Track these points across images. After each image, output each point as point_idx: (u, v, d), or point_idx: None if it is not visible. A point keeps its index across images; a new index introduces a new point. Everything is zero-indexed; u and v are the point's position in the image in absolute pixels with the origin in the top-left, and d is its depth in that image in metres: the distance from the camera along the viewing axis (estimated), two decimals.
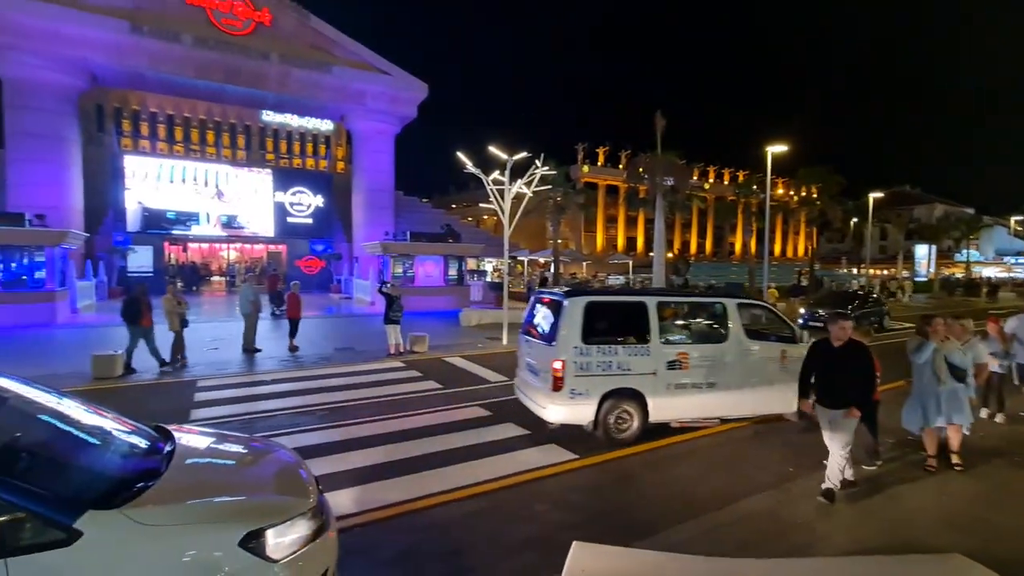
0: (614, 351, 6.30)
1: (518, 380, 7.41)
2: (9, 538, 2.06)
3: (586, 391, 6.16)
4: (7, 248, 15.68)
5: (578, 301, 6.30)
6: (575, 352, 6.12)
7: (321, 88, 26.77)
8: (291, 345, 12.12)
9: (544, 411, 6.33)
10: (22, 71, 21.23)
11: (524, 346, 7.20)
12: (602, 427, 6.28)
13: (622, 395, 6.29)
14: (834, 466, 4.86)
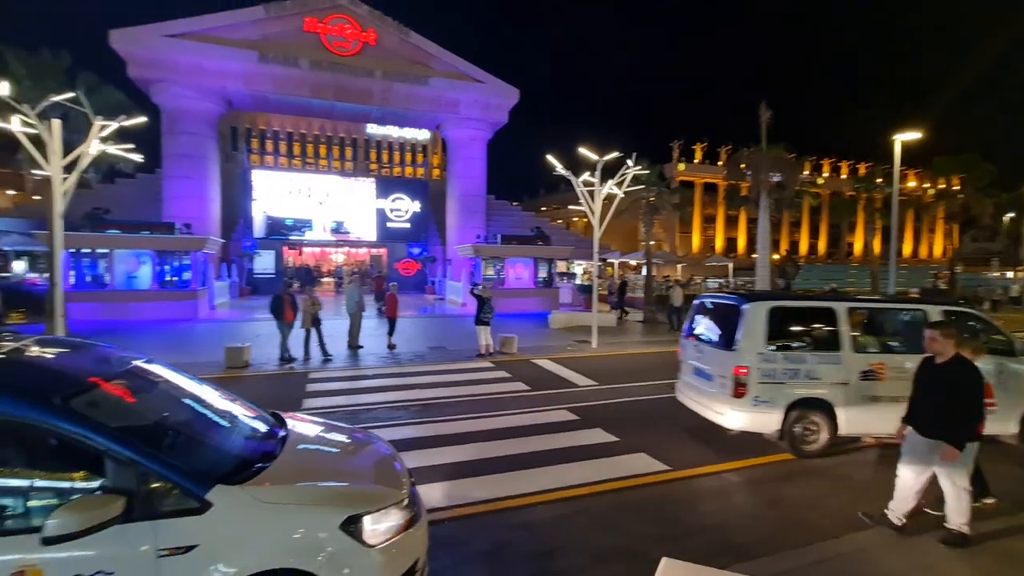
0: (801, 359, 6.02)
1: (681, 384, 7.33)
2: (156, 503, 2.38)
3: (771, 399, 5.93)
4: (162, 253, 18.32)
5: (761, 306, 6.12)
6: (759, 358, 5.92)
7: (419, 100, 28.22)
8: (389, 343, 12.87)
9: (722, 417, 6.17)
10: (175, 101, 24.71)
11: (690, 350, 7.09)
12: (788, 437, 6.01)
13: (810, 405, 6.00)
14: (956, 502, 4.12)
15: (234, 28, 25.00)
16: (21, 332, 3.51)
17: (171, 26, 23.93)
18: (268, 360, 11.19)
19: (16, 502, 2.32)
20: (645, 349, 13.92)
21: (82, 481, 2.37)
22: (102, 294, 17.31)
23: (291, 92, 26.29)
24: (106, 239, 17.42)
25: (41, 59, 13.24)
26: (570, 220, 52.74)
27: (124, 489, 2.31)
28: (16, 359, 2.79)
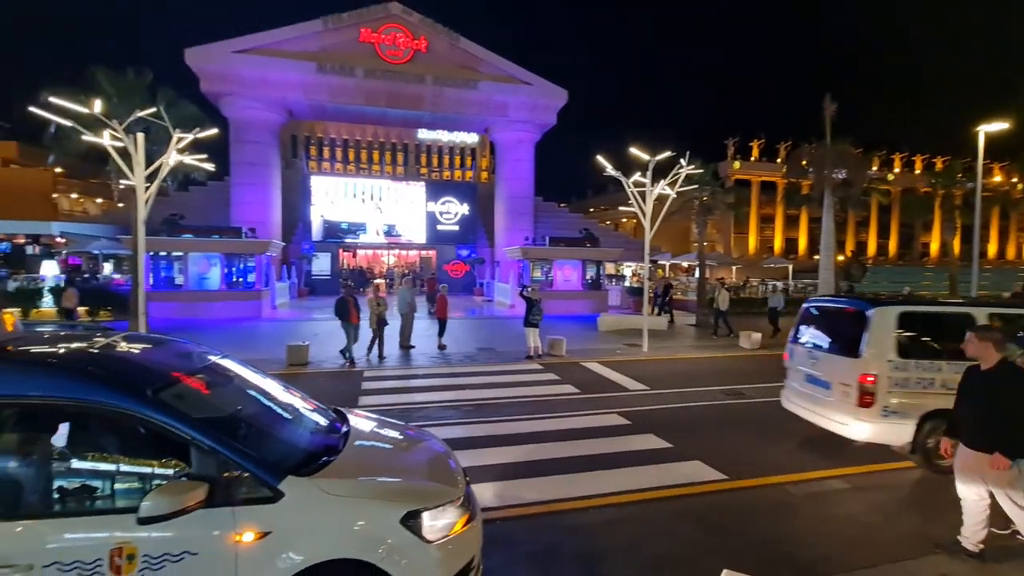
0: (937, 367, 5.67)
1: (788, 391, 7.11)
2: (234, 491, 2.55)
3: (902, 410, 5.63)
4: (230, 255, 19.51)
5: (889, 311, 5.84)
6: (889, 367, 5.64)
7: (468, 104, 28.64)
8: (440, 344, 13.13)
9: (844, 427, 5.92)
10: (241, 112, 26.26)
11: (800, 356, 6.87)
12: (920, 451, 5.68)
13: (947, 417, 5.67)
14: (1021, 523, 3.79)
15: (295, 41, 26.28)
16: (110, 328, 3.83)
17: (239, 42, 25.47)
18: (326, 358, 11.68)
19: (114, 484, 2.55)
20: (697, 354, 13.51)
21: (170, 468, 2.57)
22: (177, 294, 18.62)
23: (347, 100, 27.33)
24: (181, 243, 18.73)
25: (127, 78, 14.46)
26: (619, 221, 51.98)
27: (207, 476, 2.49)
28: (111, 354, 3.05)
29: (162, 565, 2.39)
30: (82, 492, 2.49)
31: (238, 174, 26.49)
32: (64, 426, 2.61)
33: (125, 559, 2.35)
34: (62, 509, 2.42)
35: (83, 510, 2.44)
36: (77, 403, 2.50)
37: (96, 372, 2.64)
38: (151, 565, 2.38)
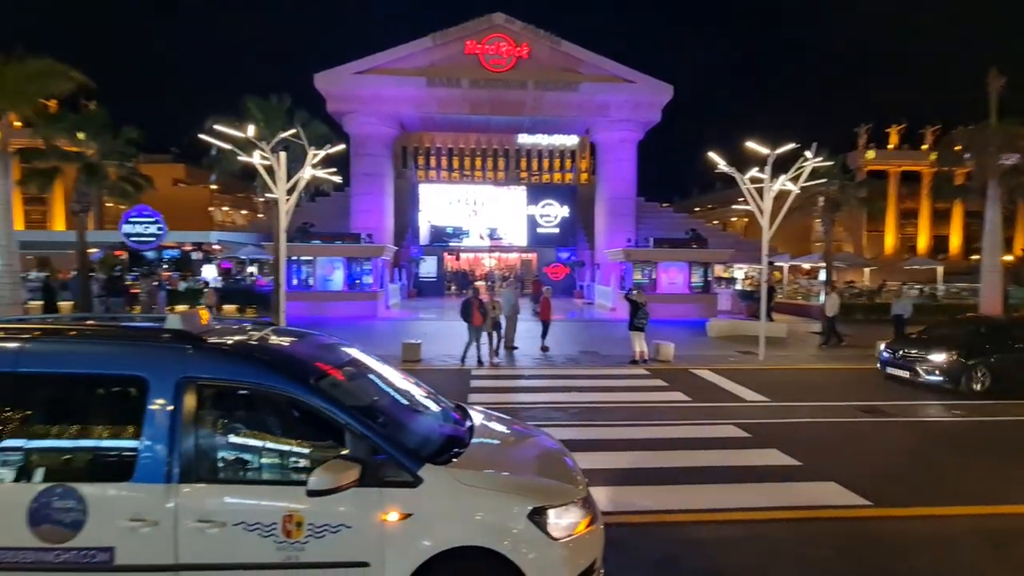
0: None
1: None
2: (381, 474, 2.80)
3: None
4: (351, 259, 21.35)
5: None
6: None
7: (569, 106, 28.67)
8: (543, 345, 13.28)
9: None
10: (360, 128, 28.66)
11: None
12: None
13: None
14: None
15: (407, 59, 28.13)
16: (272, 324, 4.38)
17: (358, 64, 27.83)
18: (436, 356, 12.33)
19: (287, 460, 2.93)
20: (822, 364, 12.28)
21: (329, 449, 2.89)
22: (306, 294, 20.76)
23: (453, 111, 28.66)
24: (312, 248, 20.88)
25: (271, 104, 16.45)
26: (727, 220, 48.86)
27: (358, 459, 2.76)
28: (281, 346, 3.49)
29: (323, 534, 2.69)
30: (263, 464, 2.89)
31: (357, 185, 28.90)
32: (248, 405, 3.05)
33: (294, 525, 2.68)
34: (248, 477, 2.83)
35: (264, 479, 2.83)
36: (258, 387, 2.92)
37: (273, 362, 3.06)
38: (314, 533, 2.69)
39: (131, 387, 2.85)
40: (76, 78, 12.22)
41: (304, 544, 2.68)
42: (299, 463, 2.93)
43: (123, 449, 2.78)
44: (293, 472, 2.88)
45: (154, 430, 2.73)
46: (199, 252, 28.63)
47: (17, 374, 2.79)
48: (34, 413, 2.87)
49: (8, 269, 12.34)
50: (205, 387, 2.84)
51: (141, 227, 19.73)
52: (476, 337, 11.57)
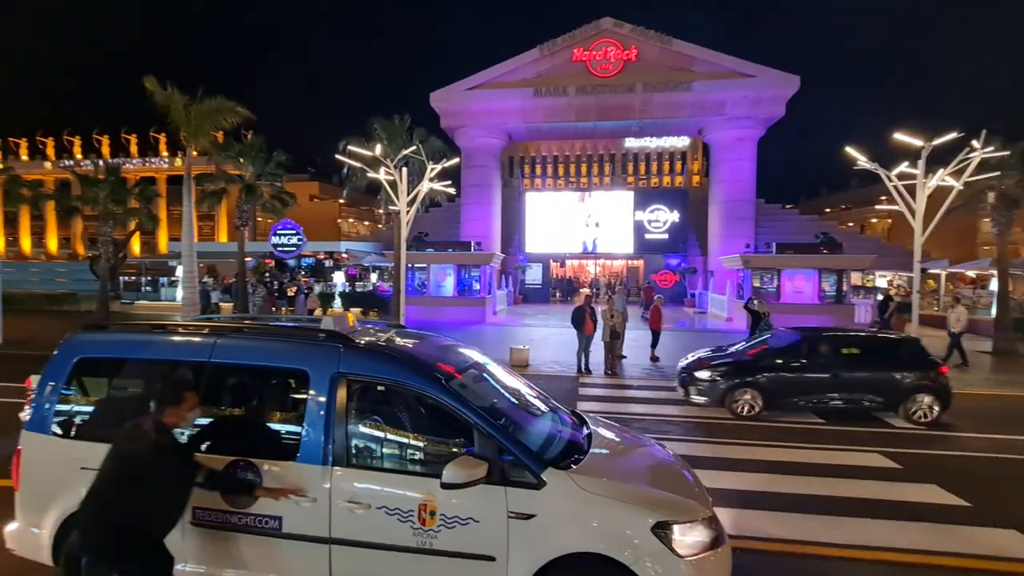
0: None
1: None
2: (507, 473, 2.92)
3: None
4: (461, 266, 22.39)
5: None
6: None
7: (680, 107, 27.54)
8: (652, 355, 12.83)
9: None
10: (470, 141, 30.02)
11: None
12: None
13: None
14: None
15: (514, 72, 28.97)
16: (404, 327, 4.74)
17: (469, 81, 29.23)
18: (543, 362, 12.46)
19: (424, 453, 3.18)
20: (994, 390, 10.41)
21: (459, 446, 3.08)
22: (421, 299, 22.12)
23: (559, 119, 28.92)
24: (426, 256, 22.25)
25: (393, 124, 17.92)
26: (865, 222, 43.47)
27: (485, 457, 2.90)
28: (417, 348, 3.76)
29: (453, 525, 2.87)
30: (401, 455, 3.17)
31: (466, 195, 30.27)
32: (388, 401, 3.36)
33: (428, 514, 2.90)
34: (389, 466, 3.12)
35: (402, 469, 3.10)
36: (398, 384, 3.20)
37: (411, 362, 3.33)
38: (446, 523, 2.88)
39: (296, 379, 3.28)
40: (241, 112, 14.31)
41: (437, 532, 2.88)
42: (432, 456, 3.16)
43: (290, 432, 3.20)
44: (427, 464, 3.11)
45: (313, 417, 3.10)
46: (330, 260, 31.84)
47: (211, 364, 3.33)
48: (223, 397, 3.42)
49: (189, 276, 14.76)
50: (353, 382, 3.17)
51: (285, 238, 22.47)
52: (586, 345, 11.46)
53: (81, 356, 3.44)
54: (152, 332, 3.60)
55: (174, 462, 2.75)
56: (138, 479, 2.58)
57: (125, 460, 2.61)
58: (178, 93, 14.03)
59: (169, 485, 2.69)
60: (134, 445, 2.63)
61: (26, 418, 3.53)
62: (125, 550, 2.61)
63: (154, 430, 2.66)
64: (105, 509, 2.58)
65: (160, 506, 2.68)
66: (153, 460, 2.62)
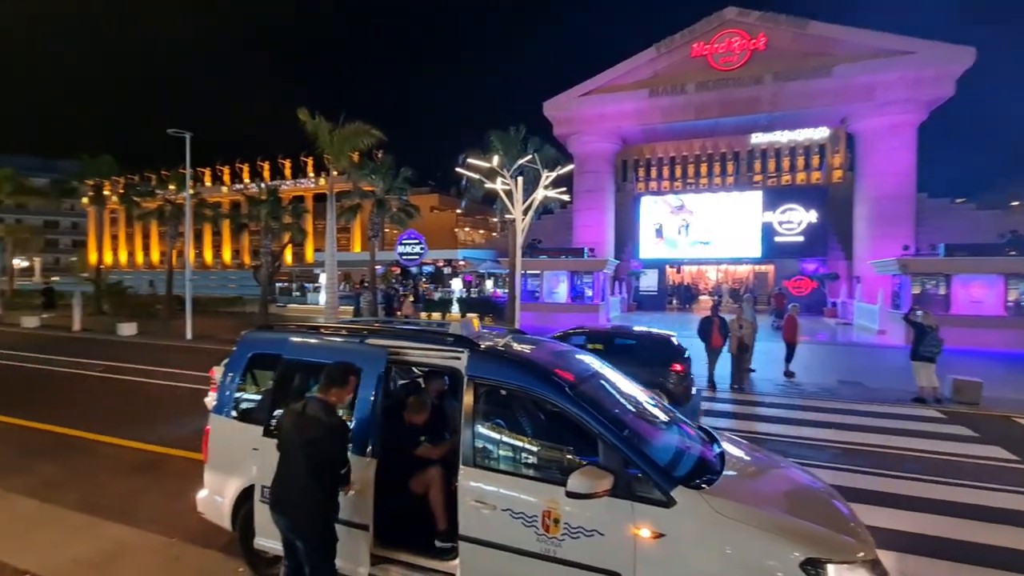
0: None
1: None
2: (634, 488, 2.80)
3: None
4: (574, 272, 22.31)
5: None
6: None
7: (818, 95, 24.83)
8: (787, 370, 11.63)
9: None
10: (583, 147, 29.88)
11: None
12: None
13: None
14: None
15: (628, 74, 28.32)
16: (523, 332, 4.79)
17: (581, 88, 29.17)
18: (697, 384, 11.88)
19: (549, 459, 3.18)
20: None
21: (584, 455, 3.03)
22: (534, 305, 22.41)
23: (677, 118, 27.66)
24: (540, 263, 22.54)
25: (508, 135, 18.50)
26: None
27: (611, 469, 2.81)
28: (534, 353, 3.77)
29: (577, 535, 2.82)
30: (525, 460, 3.20)
31: (579, 201, 30.14)
32: (511, 405, 3.42)
33: (552, 521, 2.88)
34: (512, 469, 3.15)
35: (526, 474, 3.12)
36: (521, 389, 3.23)
37: (535, 368, 3.34)
38: (570, 532, 2.83)
39: (447, 378, 3.48)
40: (375, 134, 15.78)
41: (560, 541, 2.85)
42: (555, 463, 3.15)
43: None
44: (549, 471, 3.10)
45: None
46: (448, 267, 33.66)
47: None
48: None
49: (330, 282, 16.53)
50: (479, 385, 3.26)
51: (410, 247, 24.17)
52: (715, 360, 10.53)
53: (254, 352, 3.98)
54: (310, 333, 4.05)
55: (346, 438, 3.03)
56: (324, 458, 2.88)
57: (313, 444, 2.88)
58: (324, 121, 15.88)
59: (342, 458, 2.97)
60: (315, 430, 2.88)
61: (211, 403, 4.16)
62: (332, 532, 2.96)
63: (322, 409, 2.92)
64: (308, 494, 2.86)
65: (337, 483, 2.98)
66: (333, 436, 2.90)
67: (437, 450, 3.44)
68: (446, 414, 4.05)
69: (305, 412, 2.93)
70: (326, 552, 2.95)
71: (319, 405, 2.94)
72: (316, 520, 2.89)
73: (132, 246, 61.91)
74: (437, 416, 3.92)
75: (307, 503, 2.86)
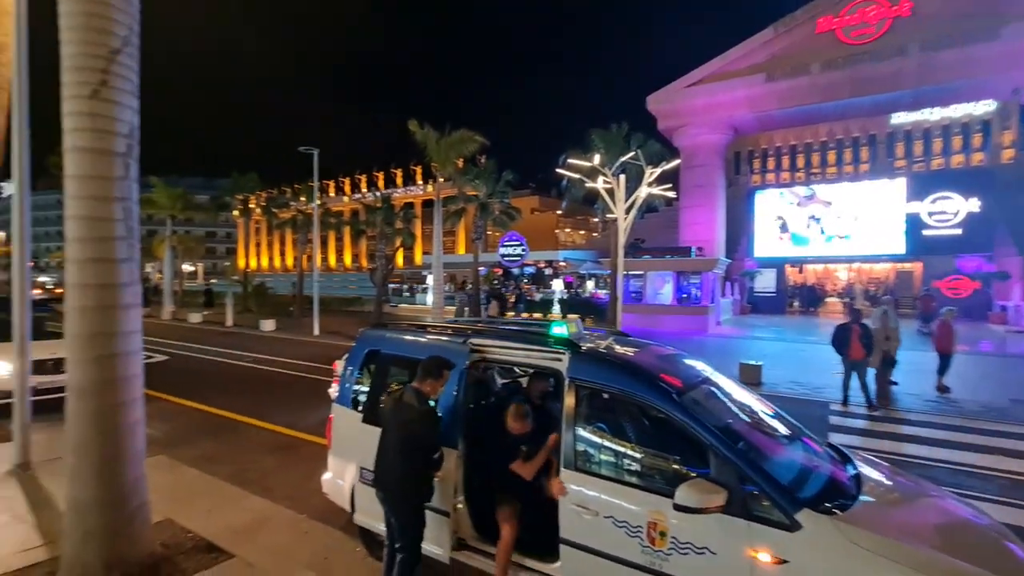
0: None
1: None
2: (750, 506, 2.57)
3: None
4: (680, 273, 21.24)
5: None
6: None
7: (979, 63, 21.17)
8: (939, 384, 10.03)
9: None
10: (691, 140, 28.36)
11: None
12: None
13: None
14: None
15: (741, 59, 26.36)
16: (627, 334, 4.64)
17: (688, 78, 27.72)
18: (779, 382, 10.91)
19: (654, 468, 3.04)
20: None
21: (693, 467, 2.84)
22: (638, 307, 21.69)
23: (798, 102, 25.23)
24: (643, 263, 21.79)
25: (610, 133, 18.12)
26: None
27: (724, 483, 2.60)
28: (639, 357, 3.62)
29: (686, 551, 2.65)
30: (628, 467, 3.08)
31: (686, 197, 28.66)
32: (613, 410, 3.32)
33: (658, 534, 2.74)
34: (615, 476, 3.04)
35: (629, 481, 2.99)
36: (624, 394, 3.12)
37: (640, 372, 3.21)
38: (677, 547, 2.67)
39: (551, 379, 3.49)
40: (479, 140, 16.34)
41: (668, 555, 2.70)
42: (663, 473, 2.99)
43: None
44: (655, 480, 2.95)
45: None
46: (549, 268, 33.81)
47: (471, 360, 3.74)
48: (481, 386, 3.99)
49: (437, 283, 17.40)
50: (581, 387, 3.20)
51: (511, 249, 24.70)
52: (861, 375, 9.06)
53: (370, 348, 4.29)
54: (415, 331, 4.27)
55: (439, 425, 3.20)
56: (416, 442, 3.08)
57: (405, 428, 3.11)
58: (432, 130, 16.79)
59: (433, 443, 3.13)
60: (409, 414, 3.12)
61: (334, 394, 4.56)
62: (422, 512, 3.17)
63: (416, 397, 3.15)
64: (401, 475, 3.10)
65: (429, 467, 3.13)
66: (424, 422, 3.09)
67: (529, 468, 3.34)
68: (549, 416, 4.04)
69: (402, 399, 3.20)
70: (415, 531, 3.16)
71: (414, 393, 3.17)
72: (407, 499, 3.13)
73: (271, 252, 70.31)
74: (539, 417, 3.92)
75: (400, 483, 3.11)
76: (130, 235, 3.70)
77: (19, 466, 5.64)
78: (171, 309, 26.85)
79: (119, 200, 3.61)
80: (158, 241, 29.23)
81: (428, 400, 3.20)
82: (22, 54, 5.71)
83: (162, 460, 6.02)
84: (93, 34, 3.44)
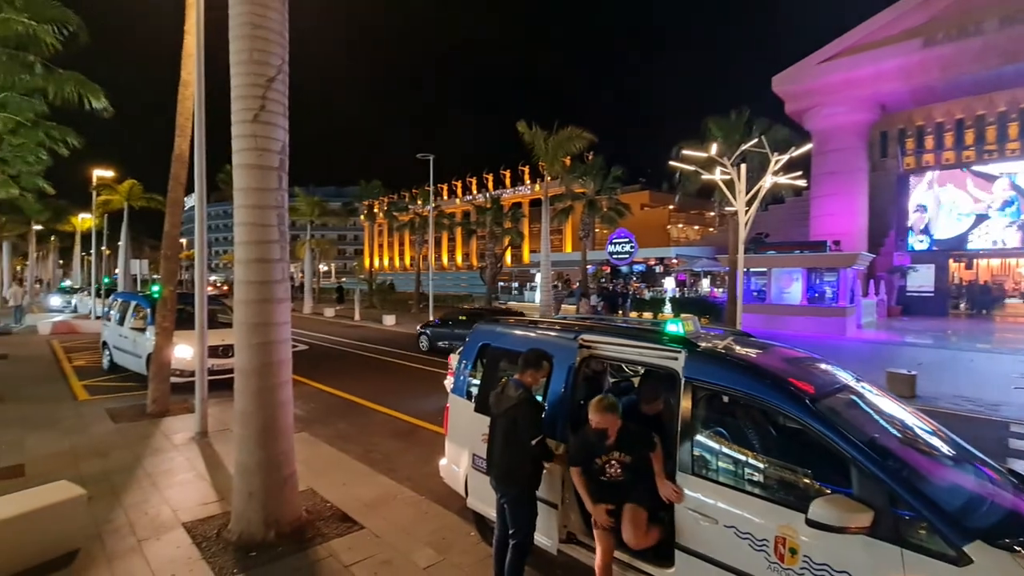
0: None
1: None
2: (904, 532, 2.25)
3: None
4: (811, 270, 19.17)
5: None
6: None
7: None
8: None
9: None
10: (824, 122, 25.43)
11: None
12: None
13: None
14: None
15: (890, 25, 23.05)
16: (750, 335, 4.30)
17: (822, 53, 24.86)
18: (940, 395, 9.40)
19: (783, 479, 2.80)
20: None
21: (826, 482, 2.56)
22: (760, 307, 19.99)
23: (966, 69, 21.47)
24: (767, 259, 20.03)
25: (729, 120, 16.89)
26: None
27: (870, 503, 2.31)
28: (766, 358, 3.33)
29: (821, 572, 2.40)
30: (752, 476, 2.87)
31: (818, 186, 25.82)
32: (735, 413, 3.11)
33: (788, 551, 2.50)
34: (737, 484, 2.84)
35: (754, 492, 2.77)
36: (749, 397, 2.89)
37: (767, 375, 2.96)
38: (810, 568, 2.43)
39: (666, 377, 3.31)
40: (587, 137, 16.19)
41: (799, 575, 2.46)
42: (793, 486, 2.74)
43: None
44: (783, 492, 2.71)
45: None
46: (660, 266, 32.48)
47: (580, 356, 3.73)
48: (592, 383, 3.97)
49: (545, 282, 17.56)
50: (698, 388, 3.04)
51: (620, 247, 24.07)
52: None
53: (482, 342, 4.48)
54: (526, 326, 4.36)
55: (539, 413, 3.27)
56: (517, 428, 3.18)
57: (507, 415, 3.25)
58: (539, 129, 16.97)
59: (535, 431, 3.17)
60: (510, 402, 3.25)
61: (449, 385, 4.82)
62: (532, 499, 3.28)
63: (517, 386, 3.29)
64: (508, 461, 3.23)
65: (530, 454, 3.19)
66: (522, 409, 3.19)
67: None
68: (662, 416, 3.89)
69: (505, 389, 3.36)
70: (526, 518, 3.25)
71: (515, 383, 3.31)
72: (516, 484, 3.24)
73: (392, 252, 76.10)
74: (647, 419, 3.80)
75: (507, 469, 3.24)
76: (283, 238, 4.25)
77: (199, 434, 6.75)
78: (311, 304, 30.27)
79: (275, 208, 4.17)
80: (300, 244, 33.10)
81: (529, 389, 3.32)
82: (200, 90, 6.82)
83: (304, 436, 6.82)
84: (255, 66, 4.00)
